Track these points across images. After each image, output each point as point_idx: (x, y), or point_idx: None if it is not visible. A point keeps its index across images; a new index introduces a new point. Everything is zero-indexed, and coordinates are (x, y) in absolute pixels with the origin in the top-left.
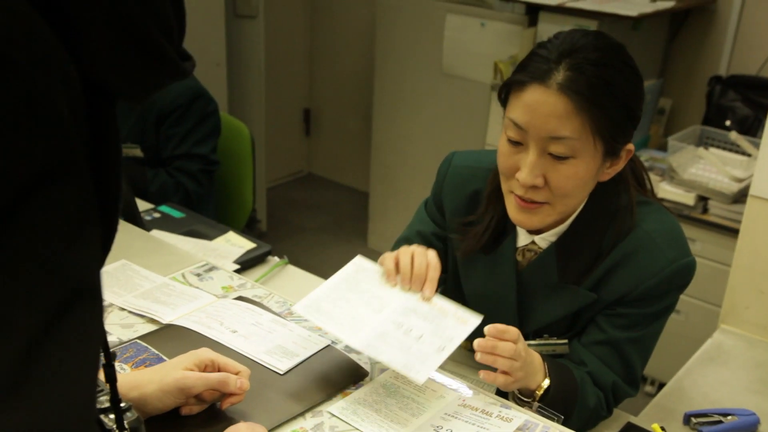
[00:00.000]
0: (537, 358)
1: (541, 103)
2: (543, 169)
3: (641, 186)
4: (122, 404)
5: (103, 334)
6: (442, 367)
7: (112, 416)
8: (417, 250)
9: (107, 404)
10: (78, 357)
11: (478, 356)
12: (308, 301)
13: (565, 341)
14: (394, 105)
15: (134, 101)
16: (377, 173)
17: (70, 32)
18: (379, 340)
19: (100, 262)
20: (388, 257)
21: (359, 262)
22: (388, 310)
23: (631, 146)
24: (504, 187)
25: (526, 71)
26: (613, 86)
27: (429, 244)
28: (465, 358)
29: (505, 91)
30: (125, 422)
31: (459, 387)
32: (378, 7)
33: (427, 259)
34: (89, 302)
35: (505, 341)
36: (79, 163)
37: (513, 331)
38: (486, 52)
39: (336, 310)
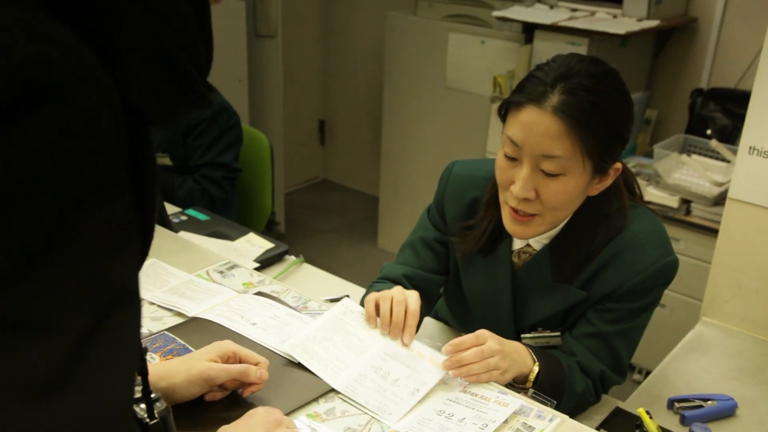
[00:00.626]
0: (520, 347)
1: (536, 124)
2: (535, 184)
3: (631, 193)
4: (152, 395)
5: (139, 337)
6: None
7: (143, 406)
8: (396, 297)
9: (139, 395)
10: (119, 356)
11: (452, 374)
12: (297, 341)
13: (558, 334)
14: (402, 116)
15: (163, 127)
16: (387, 179)
17: (113, 60)
18: (358, 382)
19: (139, 269)
20: (369, 301)
21: (347, 304)
22: (369, 353)
23: (618, 165)
24: (501, 197)
25: (524, 92)
26: (604, 111)
27: (431, 250)
28: None
29: (505, 109)
30: (155, 412)
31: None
32: (387, 27)
33: (405, 306)
34: (130, 306)
35: (465, 349)
36: (122, 179)
37: (468, 338)
38: (486, 67)
39: (321, 351)
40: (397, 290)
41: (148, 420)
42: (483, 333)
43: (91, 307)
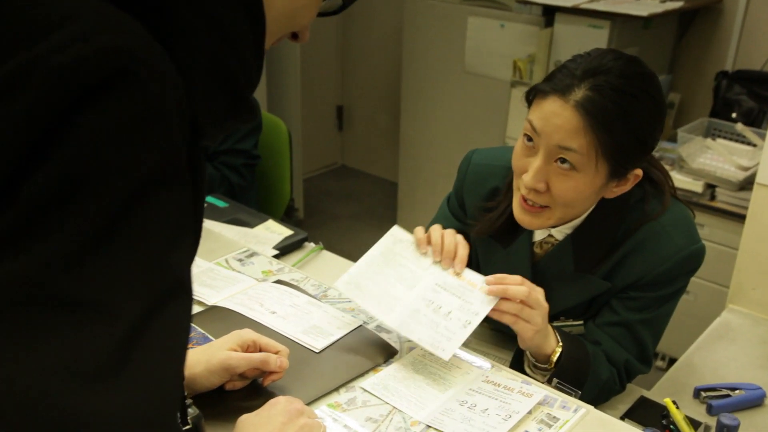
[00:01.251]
0: (548, 325)
1: (557, 115)
2: (546, 176)
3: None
4: (186, 400)
5: (189, 329)
6: (467, 345)
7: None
8: (446, 230)
9: None
10: (171, 346)
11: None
12: (349, 278)
13: (581, 322)
14: (421, 101)
15: (210, 138)
16: (405, 165)
17: (178, 70)
18: (411, 318)
19: (191, 264)
20: (420, 230)
21: (396, 233)
22: (420, 286)
23: (639, 172)
24: (514, 183)
25: (552, 82)
26: (629, 114)
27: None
28: (489, 337)
29: (532, 95)
30: (188, 418)
31: (483, 364)
32: (405, 11)
33: (455, 238)
34: (183, 298)
35: (512, 284)
36: (183, 173)
37: (515, 278)
38: (505, 51)
39: (373, 286)
40: (443, 228)
41: (180, 425)
42: (538, 288)
43: (148, 295)
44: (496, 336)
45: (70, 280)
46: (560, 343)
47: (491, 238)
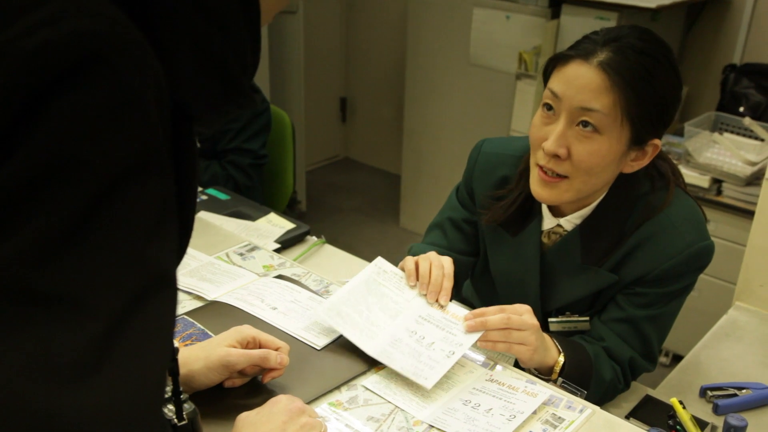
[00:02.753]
0: (545, 336)
1: (580, 76)
2: (568, 141)
3: (679, 180)
4: (181, 396)
5: (174, 323)
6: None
7: (171, 407)
8: (434, 261)
9: (168, 395)
10: (153, 342)
11: (479, 343)
12: (330, 305)
13: (587, 318)
14: (425, 93)
15: (207, 126)
16: (409, 157)
17: (160, 55)
18: (393, 347)
19: (178, 255)
20: (409, 260)
21: (380, 264)
22: (403, 316)
23: (657, 142)
24: (531, 160)
25: (573, 49)
26: (651, 76)
27: (460, 230)
28: None
29: (551, 66)
30: (184, 413)
31: (487, 362)
32: (409, 2)
33: (443, 271)
34: (166, 291)
35: (490, 315)
36: (164, 162)
37: (492, 309)
38: (511, 43)
39: (355, 314)
40: (434, 254)
41: (176, 421)
42: (521, 307)
43: (127, 288)
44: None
45: (44, 275)
46: (561, 353)
47: (500, 226)
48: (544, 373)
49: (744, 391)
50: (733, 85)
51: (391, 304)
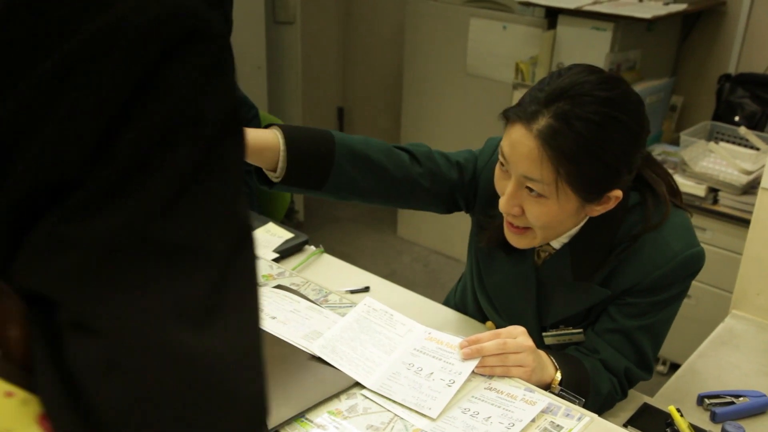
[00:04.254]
0: (541, 353)
1: (521, 143)
2: (519, 201)
3: (672, 193)
4: None
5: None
6: None
7: None
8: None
9: None
10: (253, 288)
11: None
12: (324, 341)
13: (581, 330)
14: (422, 103)
15: None
16: None
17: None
18: (392, 380)
19: None
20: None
21: (369, 303)
22: (399, 351)
23: (618, 192)
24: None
25: (519, 107)
26: (597, 146)
27: (448, 161)
28: None
29: (505, 118)
30: None
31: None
32: (407, 13)
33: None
34: (252, 243)
35: (482, 342)
36: (242, 124)
37: (487, 334)
38: (508, 53)
39: (350, 351)
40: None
41: None
42: (515, 329)
43: (230, 237)
44: None
45: (167, 227)
46: (558, 369)
47: (498, 245)
48: (542, 389)
49: (741, 399)
50: (728, 94)
51: (385, 340)
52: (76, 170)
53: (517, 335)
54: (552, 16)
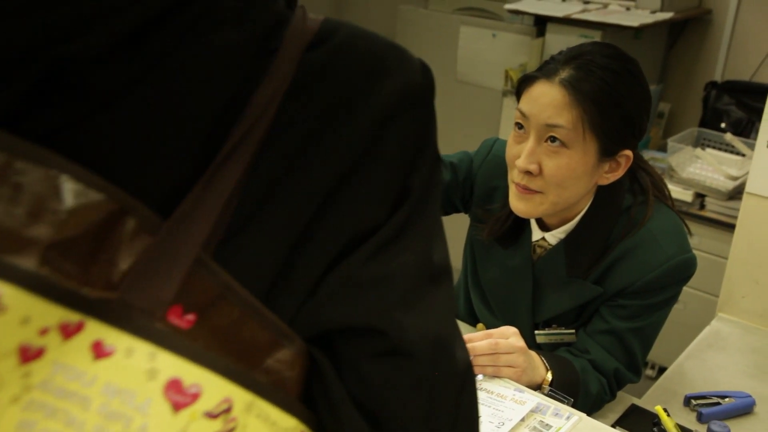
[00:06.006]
0: (533, 354)
1: (543, 95)
2: (538, 158)
3: (660, 191)
4: None
5: None
6: None
7: None
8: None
9: None
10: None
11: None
12: None
13: (573, 331)
14: None
15: None
16: None
17: None
18: None
19: None
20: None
21: None
22: None
23: (629, 152)
24: (509, 177)
25: (539, 70)
26: (614, 90)
27: (443, 168)
28: None
29: (521, 87)
30: None
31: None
32: (397, 21)
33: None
34: None
35: (474, 341)
36: None
37: (476, 334)
38: (497, 60)
39: None
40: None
41: None
42: (507, 330)
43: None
44: None
45: (435, 253)
46: (549, 370)
47: (496, 240)
48: (532, 389)
49: (727, 399)
50: (714, 101)
51: None
52: (385, 214)
53: (509, 336)
54: (541, 24)
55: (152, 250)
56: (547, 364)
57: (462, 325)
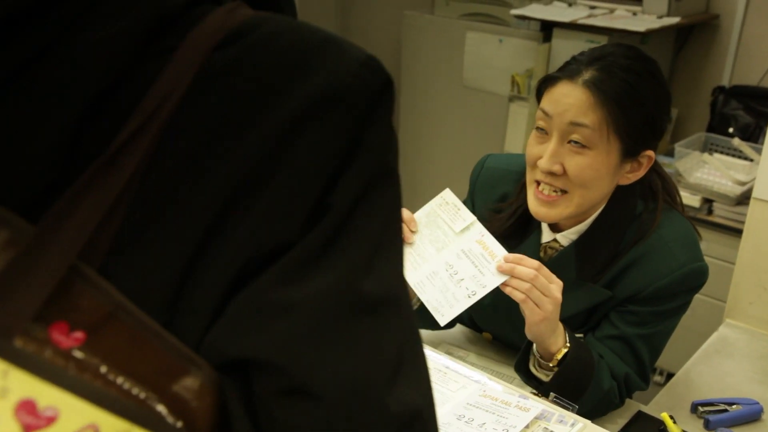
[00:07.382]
0: (560, 323)
1: (567, 95)
2: (561, 158)
3: (671, 197)
4: None
5: None
6: (465, 360)
7: None
8: None
9: None
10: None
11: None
12: None
13: (581, 335)
14: (419, 116)
15: None
16: (404, 179)
17: None
18: (429, 279)
19: None
20: None
21: (445, 196)
22: (447, 250)
23: (651, 153)
24: (528, 177)
25: (561, 71)
26: (636, 91)
27: None
28: (487, 350)
29: (542, 88)
30: None
31: (480, 378)
32: (403, 27)
33: None
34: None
35: (525, 264)
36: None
37: (528, 260)
38: (504, 66)
39: (406, 246)
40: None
41: None
42: (555, 278)
43: (405, 283)
44: (495, 349)
45: (371, 281)
46: (568, 344)
47: (499, 239)
48: (544, 359)
49: (734, 406)
50: (722, 106)
51: (441, 236)
52: (296, 232)
53: (553, 281)
54: (547, 29)
55: (16, 261)
56: (568, 340)
57: (467, 332)
